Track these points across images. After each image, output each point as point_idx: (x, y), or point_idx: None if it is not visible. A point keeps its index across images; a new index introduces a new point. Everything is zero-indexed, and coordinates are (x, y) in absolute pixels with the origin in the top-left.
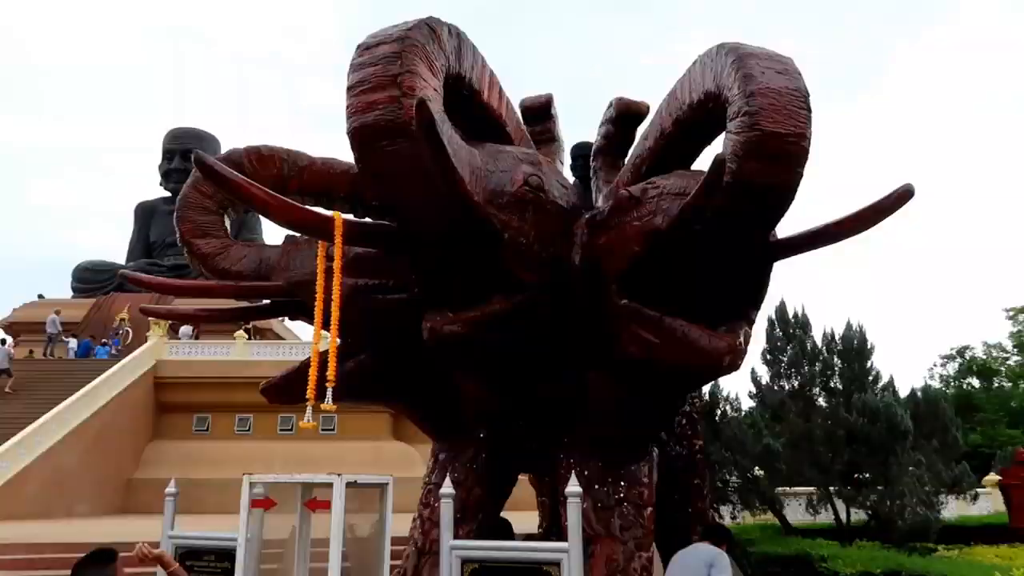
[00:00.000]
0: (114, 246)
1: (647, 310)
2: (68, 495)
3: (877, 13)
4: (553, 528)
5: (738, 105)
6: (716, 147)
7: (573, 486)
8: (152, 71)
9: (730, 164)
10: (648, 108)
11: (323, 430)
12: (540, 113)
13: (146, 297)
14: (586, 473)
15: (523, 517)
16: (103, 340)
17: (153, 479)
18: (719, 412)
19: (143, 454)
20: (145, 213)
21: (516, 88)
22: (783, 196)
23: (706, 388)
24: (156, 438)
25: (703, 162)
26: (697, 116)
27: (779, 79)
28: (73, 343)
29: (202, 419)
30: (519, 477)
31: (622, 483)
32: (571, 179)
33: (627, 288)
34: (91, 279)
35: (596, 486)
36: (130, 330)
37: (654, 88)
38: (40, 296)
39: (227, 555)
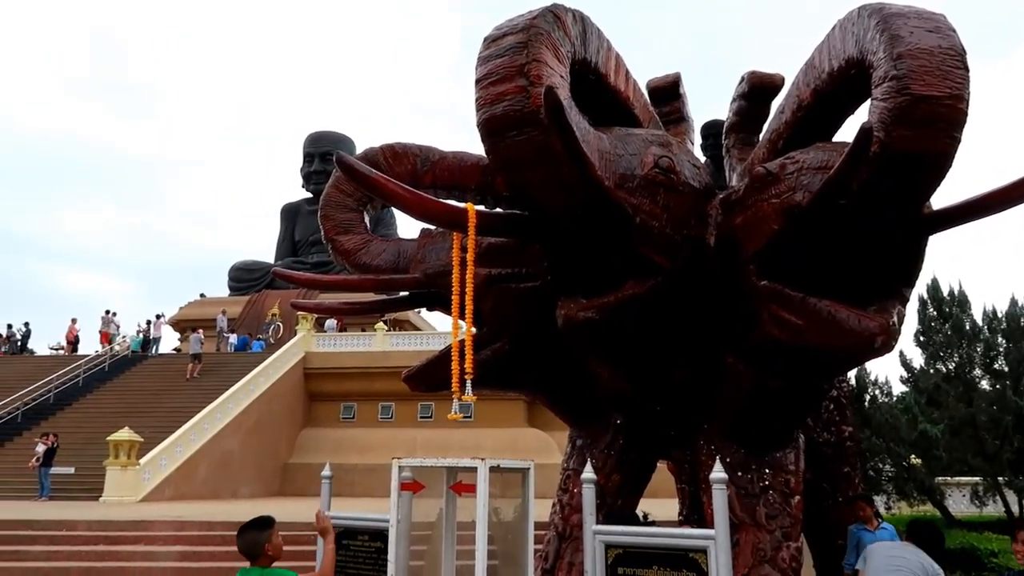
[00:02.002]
0: (263, 246)
1: (789, 291)
2: (232, 478)
3: None
4: (693, 515)
5: (884, 69)
6: (860, 117)
7: (718, 472)
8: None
9: (877, 133)
10: (783, 80)
11: (462, 417)
12: (668, 93)
13: (294, 293)
14: (728, 460)
15: (662, 504)
16: (258, 335)
17: (306, 464)
18: (868, 397)
19: (297, 440)
20: (290, 214)
21: (643, 69)
22: (938, 165)
23: (851, 372)
24: (308, 425)
25: (845, 134)
26: (838, 85)
27: (930, 38)
28: (232, 338)
29: (348, 407)
30: (658, 464)
31: (767, 470)
32: (702, 159)
33: (766, 268)
34: (245, 278)
35: (739, 473)
36: (281, 324)
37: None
38: (202, 295)
39: (379, 535)
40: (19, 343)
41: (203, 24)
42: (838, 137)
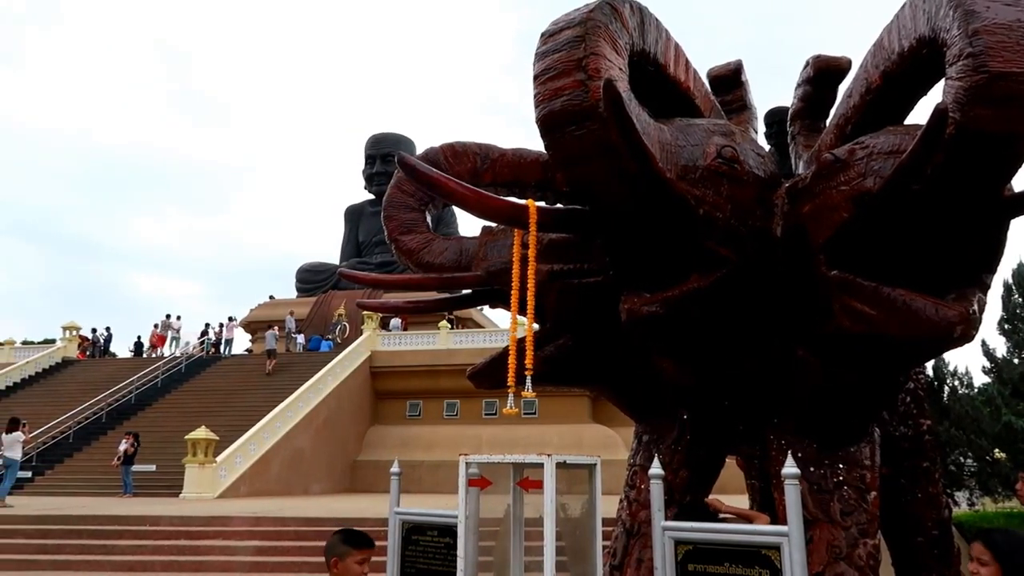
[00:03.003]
0: (328, 248)
1: (861, 280)
2: (304, 475)
3: None
4: (764, 512)
5: (959, 47)
6: (933, 99)
7: (790, 467)
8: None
9: (953, 114)
10: (850, 64)
11: (525, 414)
12: (729, 81)
13: (359, 293)
14: (800, 455)
15: (731, 500)
16: (327, 335)
17: (374, 460)
18: (947, 389)
19: (365, 437)
20: (353, 215)
21: (703, 57)
22: (1018, 145)
23: (928, 363)
24: (375, 423)
25: (917, 117)
26: (909, 66)
27: (1007, 12)
28: (301, 338)
29: (414, 405)
30: (727, 459)
31: (840, 465)
32: (767, 147)
33: (836, 258)
34: (311, 279)
35: (811, 468)
36: (347, 324)
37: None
38: (271, 297)
39: (448, 531)
40: (102, 347)
41: (266, 34)
42: (909, 120)
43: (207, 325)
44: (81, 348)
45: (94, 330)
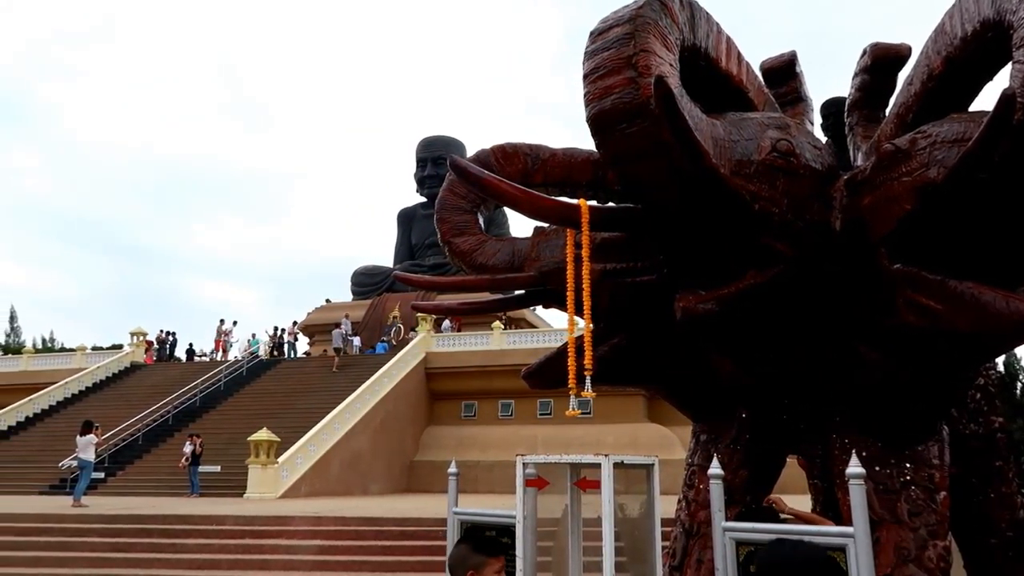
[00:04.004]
0: (381, 251)
1: (926, 274)
2: (363, 475)
3: None
4: (828, 512)
5: None
6: (999, 85)
7: (855, 467)
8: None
9: (1021, 99)
10: (909, 50)
11: (580, 414)
12: (783, 73)
13: (413, 295)
14: (864, 454)
15: (792, 501)
16: (380, 337)
17: (430, 461)
18: (1020, 385)
19: (421, 438)
20: (406, 218)
21: (756, 49)
22: None
23: (999, 359)
24: (431, 424)
25: (981, 104)
26: (973, 50)
27: None
28: (357, 340)
29: (469, 405)
30: (787, 459)
31: (907, 465)
32: (824, 139)
33: (899, 251)
34: (366, 282)
35: (877, 468)
36: (401, 326)
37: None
38: (327, 300)
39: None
40: (167, 352)
41: (313, 40)
42: (974, 108)
43: (276, 328)
44: (148, 352)
45: (162, 331)
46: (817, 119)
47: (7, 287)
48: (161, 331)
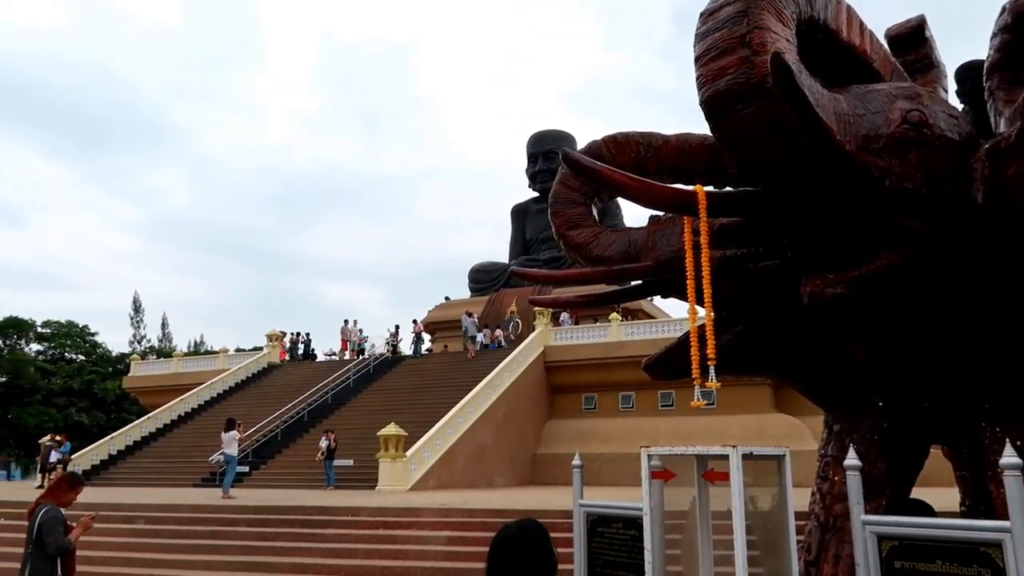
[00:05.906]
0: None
1: None
2: (487, 468)
3: None
4: (979, 506)
5: None
6: None
7: (1010, 457)
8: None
9: None
10: None
11: (705, 405)
12: (911, 39)
13: (529, 290)
14: (1019, 443)
15: (938, 494)
16: (500, 331)
17: (552, 454)
18: None
19: (543, 431)
20: (520, 214)
21: (880, 16)
22: None
23: None
24: (552, 417)
25: None
26: None
27: None
28: (480, 336)
29: (589, 398)
30: (931, 450)
31: None
32: (960, 107)
33: None
34: (483, 279)
35: None
36: (519, 321)
37: None
38: (447, 298)
39: (633, 523)
40: (301, 351)
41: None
42: None
43: (397, 327)
44: (284, 349)
45: (297, 334)
46: (952, 85)
47: (159, 297)
48: (293, 333)
